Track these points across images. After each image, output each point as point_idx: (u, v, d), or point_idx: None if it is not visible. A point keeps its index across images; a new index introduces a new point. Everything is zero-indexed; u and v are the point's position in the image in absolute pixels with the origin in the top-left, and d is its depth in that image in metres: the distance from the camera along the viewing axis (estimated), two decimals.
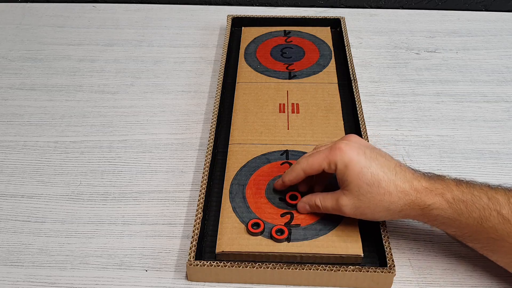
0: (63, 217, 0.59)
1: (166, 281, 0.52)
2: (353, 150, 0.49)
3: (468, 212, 0.46)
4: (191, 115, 0.72)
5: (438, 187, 0.47)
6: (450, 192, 0.47)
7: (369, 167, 0.48)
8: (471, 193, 0.47)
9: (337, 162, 0.49)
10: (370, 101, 0.75)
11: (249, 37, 0.83)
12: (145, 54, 0.85)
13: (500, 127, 0.71)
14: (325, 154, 0.50)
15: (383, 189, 0.47)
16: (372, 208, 0.49)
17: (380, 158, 0.49)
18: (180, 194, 0.61)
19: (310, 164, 0.51)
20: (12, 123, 0.71)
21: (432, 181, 0.48)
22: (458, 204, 0.47)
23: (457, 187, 0.47)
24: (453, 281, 0.52)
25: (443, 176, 0.49)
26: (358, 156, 0.49)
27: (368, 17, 0.95)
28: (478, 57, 0.84)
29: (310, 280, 0.51)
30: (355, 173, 0.48)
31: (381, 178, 0.48)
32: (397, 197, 0.47)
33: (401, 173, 0.48)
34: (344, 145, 0.49)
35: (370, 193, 0.48)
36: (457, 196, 0.47)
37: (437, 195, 0.47)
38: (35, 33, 0.90)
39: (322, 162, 0.50)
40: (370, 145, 0.51)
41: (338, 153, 0.49)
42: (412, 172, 0.49)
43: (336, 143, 0.51)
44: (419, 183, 0.48)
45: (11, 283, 0.52)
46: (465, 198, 0.47)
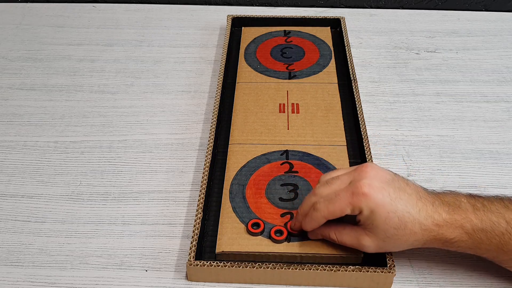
0: (63, 217, 0.59)
1: (166, 281, 0.52)
2: (377, 194, 0.46)
3: (488, 240, 0.46)
4: (191, 115, 0.72)
5: (458, 219, 0.46)
6: (469, 223, 0.46)
7: (396, 211, 0.46)
8: (490, 220, 0.46)
9: (363, 208, 0.46)
10: (370, 101, 0.75)
11: (249, 37, 0.83)
12: (145, 54, 0.85)
13: (500, 127, 0.71)
14: (348, 200, 0.47)
15: (409, 230, 0.46)
16: (397, 246, 0.48)
17: (403, 196, 0.47)
18: (180, 194, 0.61)
19: (332, 212, 0.48)
20: (12, 123, 0.71)
21: (451, 212, 0.47)
22: (478, 234, 0.46)
23: (475, 215, 0.47)
24: (453, 281, 0.52)
25: (459, 200, 0.48)
26: (383, 199, 0.46)
27: (368, 17, 0.95)
28: (478, 57, 0.84)
29: (310, 280, 0.51)
30: (382, 218, 0.46)
31: (407, 220, 0.46)
32: (421, 235, 0.47)
33: (423, 209, 0.47)
34: (368, 188, 0.46)
35: (397, 235, 0.47)
36: (476, 225, 0.46)
37: (457, 227, 0.46)
38: (35, 33, 0.90)
39: (345, 209, 0.47)
40: (390, 178, 0.48)
41: (363, 199, 0.46)
42: (432, 201, 0.47)
43: (357, 185, 0.47)
44: (440, 216, 0.47)
45: (11, 283, 0.52)
46: (484, 226, 0.46)
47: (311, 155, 0.62)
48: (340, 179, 0.49)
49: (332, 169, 0.60)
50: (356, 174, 0.48)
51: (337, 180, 0.49)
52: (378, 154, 0.66)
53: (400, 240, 0.47)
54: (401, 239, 0.47)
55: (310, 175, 0.60)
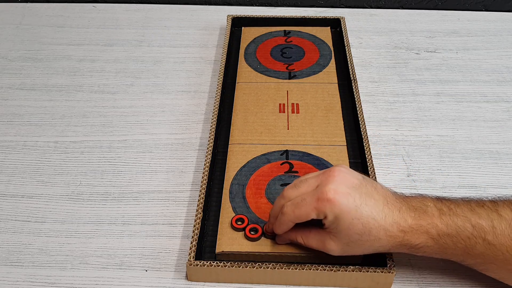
0: (63, 217, 0.59)
1: (166, 281, 0.52)
2: (342, 200, 0.46)
3: (454, 244, 0.46)
4: (191, 115, 0.72)
5: (423, 224, 0.46)
6: (434, 228, 0.46)
7: (360, 218, 0.46)
8: (455, 224, 0.46)
9: (327, 214, 0.46)
10: (370, 101, 0.75)
11: (249, 37, 0.83)
12: (145, 54, 0.85)
13: (500, 127, 0.71)
14: (313, 205, 0.46)
15: (373, 236, 0.46)
16: (361, 251, 0.48)
17: (369, 202, 0.46)
18: (180, 194, 0.61)
19: (298, 216, 0.48)
20: (12, 123, 0.71)
21: (417, 217, 0.46)
22: (443, 239, 0.46)
23: (440, 220, 0.46)
24: (453, 281, 0.52)
25: (426, 204, 0.47)
26: (348, 205, 0.46)
27: (368, 17, 0.95)
28: (478, 57, 0.84)
29: (310, 280, 0.51)
30: (346, 224, 0.46)
31: (371, 226, 0.46)
32: (386, 241, 0.47)
33: (389, 215, 0.46)
34: (333, 194, 0.46)
35: (361, 240, 0.47)
36: (441, 230, 0.46)
37: (423, 233, 0.46)
38: (35, 33, 0.90)
39: (310, 214, 0.47)
40: (358, 182, 0.47)
41: (328, 204, 0.46)
42: (399, 207, 0.47)
43: (323, 190, 0.46)
44: (405, 222, 0.46)
45: (11, 283, 0.52)
46: (450, 231, 0.46)
47: (311, 155, 0.62)
48: (308, 182, 0.49)
49: None
50: (323, 178, 0.48)
51: (305, 183, 0.49)
52: (378, 154, 0.66)
53: (364, 245, 0.47)
54: (365, 244, 0.47)
55: None
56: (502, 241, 0.45)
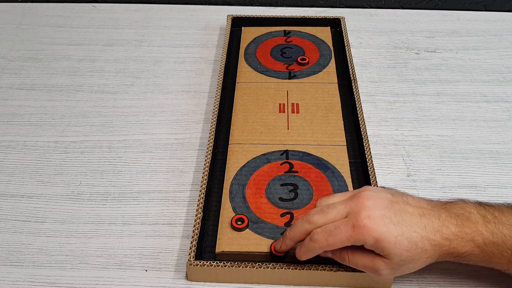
0: (63, 217, 0.59)
1: (166, 281, 0.52)
2: (378, 223, 0.45)
3: (499, 253, 0.46)
4: (191, 115, 0.72)
5: (468, 232, 0.46)
6: (480, 236, 0.45)
7: (403, 234, 0.45)
8: (501, 233, 0.45)
9: (366, 240, 0.45)
10: (370, 101, 0.75)
11: (249, 37, 0.83)
12: (145, 54, 0.85)
13: (500, 127, 0.71)
14: (348, 233, 0.45)
15: (420, 249, 0.46)
16: (411, 266, 0.47)
17: (405, 217, 0.46)
18: (180, 194, 0.61)
19: (331, 244, 0.46)
20: (12, 123, 0.71)
21: (460, 224, 0.46)
22: (489, 247, 0.46)
23: (485, 228, 0.46)
24: (453, 281, 0.52)
25: (468, 211, 0.47)
26: (386, 227, 0.45)
27: (368, 17, 0.95)
28: (478, 57, 0.84)
29: (310, 280, 0.51)
30: (391, 244, 0.45)
31: (415, 238, 0.45)
32: (433, 250, 0.46)
33: (429, 224, 0.46)
34: (368, 221, 0.45)
35: (410, 257, 0.46)
36: (487, 238, 0.46)
37: (468, 241, 0.46)
38: (35, 33, 0.90)
39: (344, 242, 0.46)
40: (388, 202, 0.47)
41: (364, 231, 0.45)
42: (437, 215, 0.46)
43: (357, 218, 0.45)
44: (448, 230, 0.46)
45: (11, 283, 0.52)
46: (495, 239, 0.45)
47: (311, 155, 0.62)
48: (337, 209, 0.47)
49: (332, 169, 0.60)
50: (353, 205, 0.47)
51: (333, 210, 0.47)
52: (378, 154, 0.66)
53: (414, 260, 0.46)
54: (415, 260, 0.46)
55: (310, 175, 0.60)
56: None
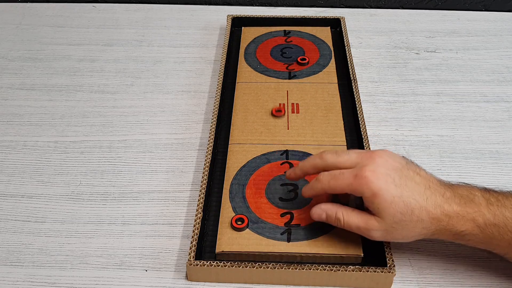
0: (63, 217, 0.59)
1: (166, 281, 0.53)
2: (380, 179, 0.46)
3: (500, 235, 0.46)
4: (191, 115, 0.72)
5: (469, 211, 0.46)
6: (481, 217, 0.46)
7: (401, 196, 0.46)
8: (503, 215, 0.46)
9: (364, 191, 0.46)
10: (370, 101, 0.75)
11: (249, 37, 0.83)
12: (145, 54, 0.85)
13: (500, 127, 0.71)
14: (350, 180, 0.47)
15: (416, 217, 0.46)
16: (404, 234, 0.47)
17: (409, 183, 0.47)
18: (180, 194, 0.61)
19: (332, 187, 0.48)
20: (12, 123, 0.71)
21: (463, 204, 0.46)
22: (490, 228, 0.46)
23: (488, 209, 0.46)
24: (453, 281, 0.52)
25: (473, 193, 0.47)
26: (386, 184, 0.46)
27: (368, 17, 0.95)
28: (478, 57, 0.84)
29: (310, 280, 0.51)
30: (387, 202, 0.46)
31: (413, 206, 0.46)
32: (430, 223, 0.46)
33: (431, 197, 0.46)
34: (371, 174, 0.46)
35: (404, 221, 0.46)
36: (489, 220, 0.46)
37: (469, 220, 0.46)
38: (35, 33, 0.90)
39: (345, 188, 0.48)
40: (399, 166, 0.48)
41: (364, 182, 0.46)
42: (442, 192, 0.47)
43: (362, 169, 0.47)
44: (450, 207, 0.46)
45: (11, 283, 0.52)
46: (497, 221, 0.46)
47: (311, 155, 0.62)
48: (349, 155, 0.49)
49: None
50: (365, 158, 0.48)
51: (346, 155, 0.49)
52: None
53: (408, 227, 0.46)
54: (408, 226, 0.46)
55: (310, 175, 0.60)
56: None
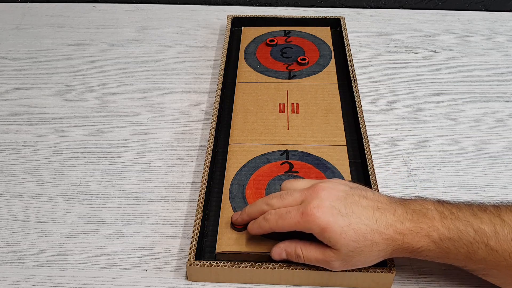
0: (63, 217, 0.59)
1: (166, 281, 0.53)
2: (326, 213, 0.46)
3: (455, 249, 0.46)
4: (191, 115, 0.72)
5: (423, 227, 0.46)
6: (436, 231, 0.45)
7: (349, 224, 0.46)
8: (457, 229, 0.45)
9: (312, 229, 0.47)
10: (370, 101, 0.75)
11: (249, 37, 0.83)
12: (145, 54, 0.85)
13: (500, 127, 0.71)
14: (297, 219, 0.47)
15: (370, 241, 0.46)
16: (363, 259, 0.47)
17: (356, 209, 0.47)
18: (180, 194, 0.61)
19: (280, 226, 0.48)
20: (12, 123, 0.71)
21: (416, 220, 0.46)
22: (445, 243, 0.45)
23: (442, 223, 0.46)
24: (453, 281, 0.52)
25: (425, 207, 0.47)
26: (333, 217, 0.46)
27: (368, 17, 0.95)
28: (478, 57, 0.84)
29: (310, 280, 0.51)
30: (338, 234, 0.46)
31: (364, 231, 0.46)
32: (385, 244, 0.46)
33: (381, 218, 0.46)
34: (316, 210, 0.46)
35: (358, 247, 0.46)
36: (443, 234, 0.45)
37: (423, 236, 0.46)
38: (35, 33, 0.90)
39: (292, 226, 0.48)
40: (343, 194, 0.48)
41: (311, 219, 0.46)
42: (393, 210, 0.47)
43: (307, 206, 0.47)
44: (403, 224, 0.46)
45: (11, 283, 0.52)
46: (451, 235, 0.45)
47: (311, 155, 0.62)
48: (293, 196, 0.49)
49: (332, 169, 0.60)
50: (308, 194, 0.48)
51: (290, 196, 0.50)
52: (378, 154, 0.66)
53: (364, 252, 0.46)
54: (364, 251, 0.46)
55: (310, 175, 0.60)
56: (504, 247, 0.44)
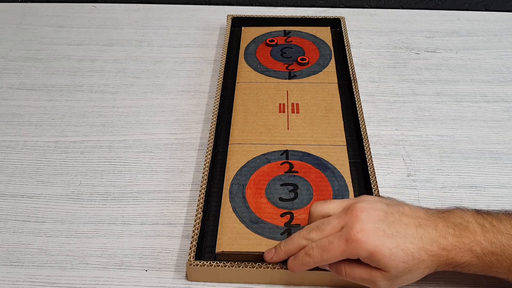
0: (63, 217, 0.59)
1: (166, 281, 0.52)
2: (371, 237, 0.45)
3: (498, 263, 0.45)
4: (191, 115, 0.72)
5: (466, 242, 0.45)
6: (479, 246, 0.45)
7: (397, 246, 0.45)
8: (500, 242, 0.45)
9: (360, 254, 0.45)
10: (370, 101, 0.75)
11: (249, 37, 0.83)
12: (145, 54, 0.85)
13: (500, 127, 0.71)
14: (342, 248, 0.46)
15: (417, 260, 0.45)
16: (409, 278, 0.47)
17: (399, 229, 0.46)
18: (180, 194, 0.61)
19: (326, 259, 0.47)
20: (12, 123, 0.71)
21: (458, 234, 0.46)
22: (488, 257, 0.45)
23: (484, 237, 0.45)
24: (453, 281, 0.52)
25: (466, 220, 0.46)
26: (380, 239, 0.45)
27: (368, 17, 0.95)
28: (478, 57, 0.84)
29: (310, 280, 0.51)
30: (387, 257, 0.45)
31: (412, 250, 0.45)
32: (430, 261, 0.46)
33: (425, 235, 0.46)
34: (361, 235, 0.45)
35: (408, 268, 0.46)
36: (486, 248, 0.45)
37: (467, 251, 0.45)
38: (35, 33, 0.90)
39: (339, 257, 0.46)
40: (383, 214, 0.47)
41: (357, 246, 0.45)
42: (434, 226, 0.46)
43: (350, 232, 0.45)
44: (446, 240, 0.45)
45: (11, 283, 0.52)
46: (494, 249, 0.45)
47: (311, 155, 0.62)
48: (331, 224, 0.48)
49: (332, 169, 0.60)
50: (347, 219, 0.47)
51: (328, 226, 0.48)
52: (378, 154, 0.66)
53: (412, 272, 0.46)
54: (412, 270, 0.46)
55: (310, 175, 0.60)
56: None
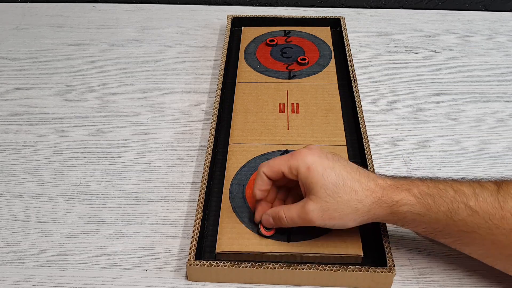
0: (63, 217, 0.59)
1: (166, 281, 0.53)
2: (314, 154, 0.49)
3: (436, 206, 0.46)
4: (191, 115, 0.72)
5: (404, 183, 0.48)
6: (416, 187, 0.47)
7: (333, 168, 0.48)
8: (437, 187, 0.47)
9: (299, 165, 0.49)
10: (370, 101, 0.75)
11: (249, 37, 0.83)
12: (145, 54, 0.85)
13: (500, 127, 0.71)
14: (286, 158, 0.50)
15: (349, 188, 0.47)
16: (340, 210, 0.48)
17: (342, 161, 0.49)
18: (180, 194, 0.61)
19: (271, 166, 0.51)
20: (12, 123, 0.71)
21: (397, 179, 0.49)
22: (425, 198, 0.47)
23: (422, 182, 0.48)
24: (453, 281, 0.52)
25: (407, 176, 0.50)
26: (320, 158, 0.49)
27: (368, 17, 0.95)
28: (478, 57, 0.84)
29: (310, 280, 0.51)
30: (319, 174, 0.48)
31: (345, 177, 0.48)
32: (364, 195, 0.47)
33: (364, 173, 0.49)
34: (305, 151, 0.50)
35: (337, 192, 0.47)
36: (423, 190, 0.47)
37: (404, 190, 0.47)
38: (35, 33, 0.90)
39: (282, 165, 0.50)
40: (331, 154, 0.51)
41: (299, 157, 0.49)
42: (373, 175, 0.49)
43: (296, 151, 0.51)
44: (384, 181, 0.48)
45: (11, 283, 0.52)
46: (431, 192, 0.47)
47: None
48: None
49: None
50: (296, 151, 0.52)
51: None
52: (378, 154, 0.66)
53: (342, 199, 0.47)
54: (342, 197, 0.47)
55: None
56: (484, 208, 0.45)
